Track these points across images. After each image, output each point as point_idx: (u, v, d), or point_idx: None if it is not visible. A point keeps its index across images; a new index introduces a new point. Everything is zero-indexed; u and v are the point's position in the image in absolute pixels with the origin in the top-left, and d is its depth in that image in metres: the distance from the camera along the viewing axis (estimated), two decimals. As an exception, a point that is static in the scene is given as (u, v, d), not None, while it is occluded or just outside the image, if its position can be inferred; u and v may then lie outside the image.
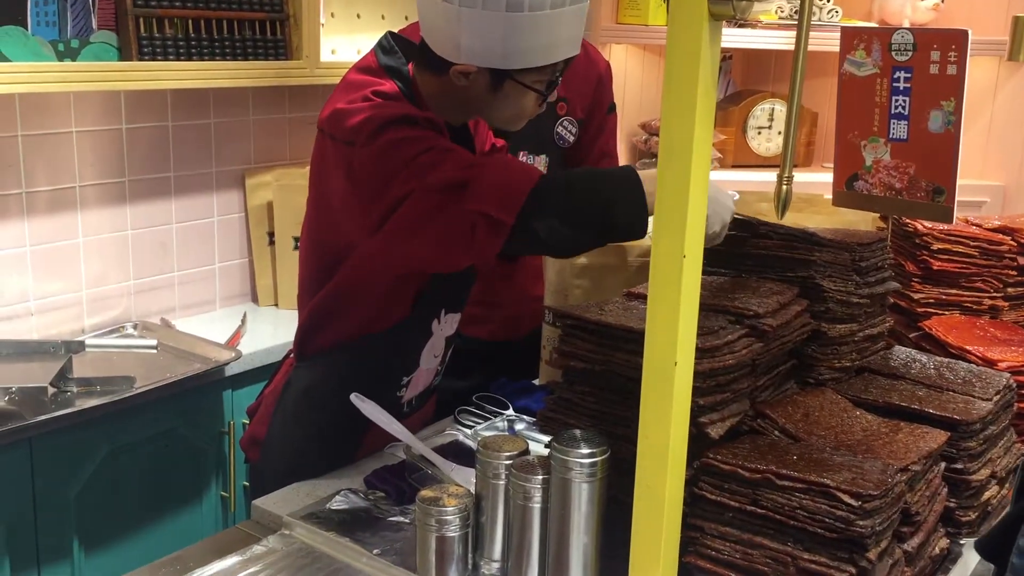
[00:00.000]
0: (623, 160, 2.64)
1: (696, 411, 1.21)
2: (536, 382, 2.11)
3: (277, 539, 1.49)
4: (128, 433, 2.20)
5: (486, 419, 1.92)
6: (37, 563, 2.05)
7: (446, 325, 1.75)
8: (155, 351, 2.43)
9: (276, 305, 2.95)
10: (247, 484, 2.48)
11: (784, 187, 1.52)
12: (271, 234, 2.92)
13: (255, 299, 2.99)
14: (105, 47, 2.30)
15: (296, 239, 2.90)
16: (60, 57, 2.22)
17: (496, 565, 1.37)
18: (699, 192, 1.11)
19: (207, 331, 2.56)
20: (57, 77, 2.16)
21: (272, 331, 2.69)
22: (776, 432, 1.36)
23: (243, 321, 2.63)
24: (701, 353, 1.21)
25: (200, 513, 2.42)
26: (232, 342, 2.46)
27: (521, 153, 2.33)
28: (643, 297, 1.46)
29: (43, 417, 1.99)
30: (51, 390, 2.08)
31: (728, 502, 1.21)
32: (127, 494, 2.23)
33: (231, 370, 2.37)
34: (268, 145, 2.95)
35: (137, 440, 2.23)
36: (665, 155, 1.11)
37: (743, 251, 1.58)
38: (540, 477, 1.28)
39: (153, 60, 2.34)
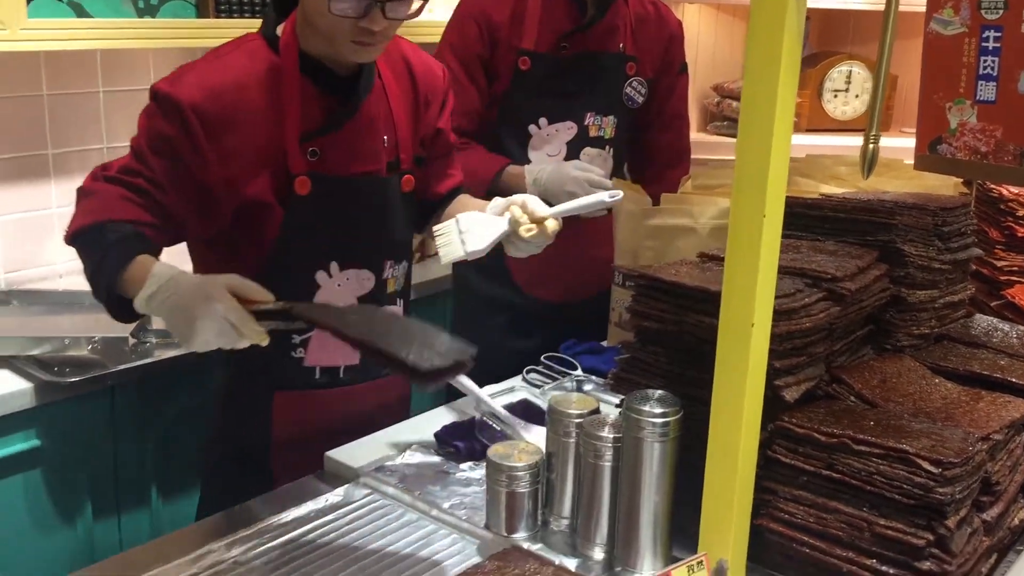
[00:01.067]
0: (694, 124, 2.60)
1: (771, 374, 1.20)
2: (604, 344, 2.11)
3: (349, 490, 1.52)
4: (205, 383, 2.25)
5: (554, 379, 1.92)
6: (117, 509, 2.12)
7: (348, 282, 1.64)
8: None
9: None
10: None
11: (871, 146, 1.48)
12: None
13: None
14: (184, 4, 2.34)
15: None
16: (140, 14, 2.26)
17: (565, 522, 1.38)
18: (781, 151, 1.09)
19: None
20: (136, 33, 2.20)
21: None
22: (852, 398, 1.33)
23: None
24: (778, 316, 1.19)
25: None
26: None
27: (588, 115, 2.31)
28: (718, 259, 1.44)
29: (125, 366, 2.05)
30: (131, 340, 2.15)
31: (803, 466, 1.20)
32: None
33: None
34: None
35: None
36: (748, 111, 1.09)
37: (821, 214, 1.55)
38: (612, 436, 1.28)
39: (230, 18, 2.37)
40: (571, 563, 1.31)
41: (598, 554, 1.31)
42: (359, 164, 1.60)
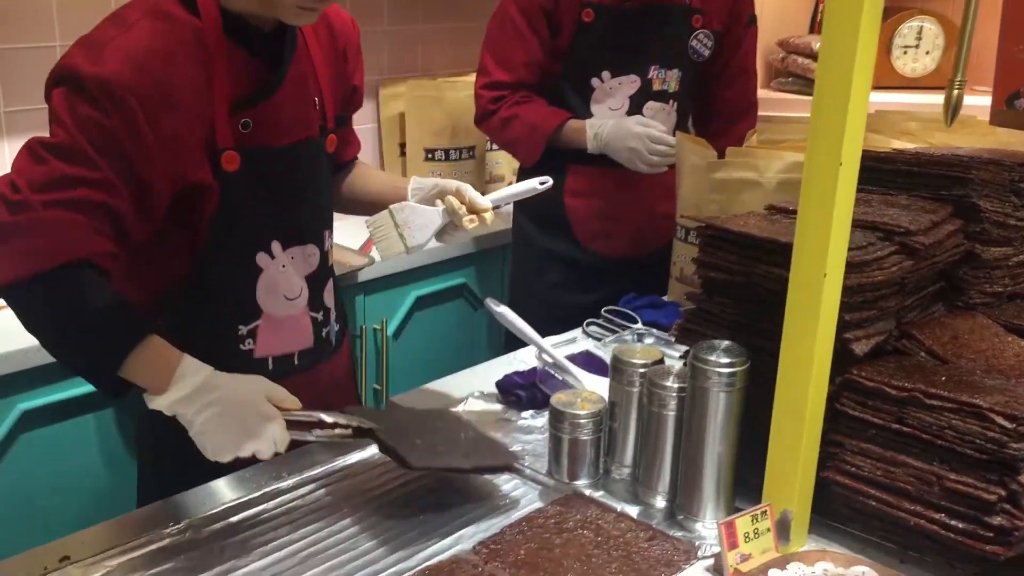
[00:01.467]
0: (758, 80, 2.55)
1: (841, 327, 1.19)
2: (665, 299, 2.10)
3: (413, 435, 1.54)
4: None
5: (614, 332, 1.93)
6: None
7: (293, 261, 1.48)
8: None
9: (406, 216, 2.99)
10: (377, 387, 2.57)
11: (955, 92, 1.44)
12: (403, 145, 2.96)
13: (385, 209, 3.04)
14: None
15: (427, 150, 2.93)
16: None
17: (627, 471, 1.39)
18: (860, 99, 1.07)
19: (340, 238, 2.62)
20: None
21: (402, 241, 2.74)
22: (922, 354, 1.31)
23: (375, 229, 2.68)
24: (849, 268, 1.17)
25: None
26: (365, 249, 2.52)
27: (652, 68, 2.28)
28: (786, 211, 1.43)
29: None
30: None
31: (871, 419, 1.19)
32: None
33: (364, 275, 2.44)
34: (401, 56, 2.97)
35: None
36: (826, 57, 1.07)
37: (894, 168, 1.52)
38: (676, 386, 1.28)
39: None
40: (632, 510, 1.31)
41: (660, 502, 1.32)
42: (294, 131, 1.44)
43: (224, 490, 1.37)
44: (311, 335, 1.53)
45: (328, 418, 1.32)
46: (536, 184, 1.58)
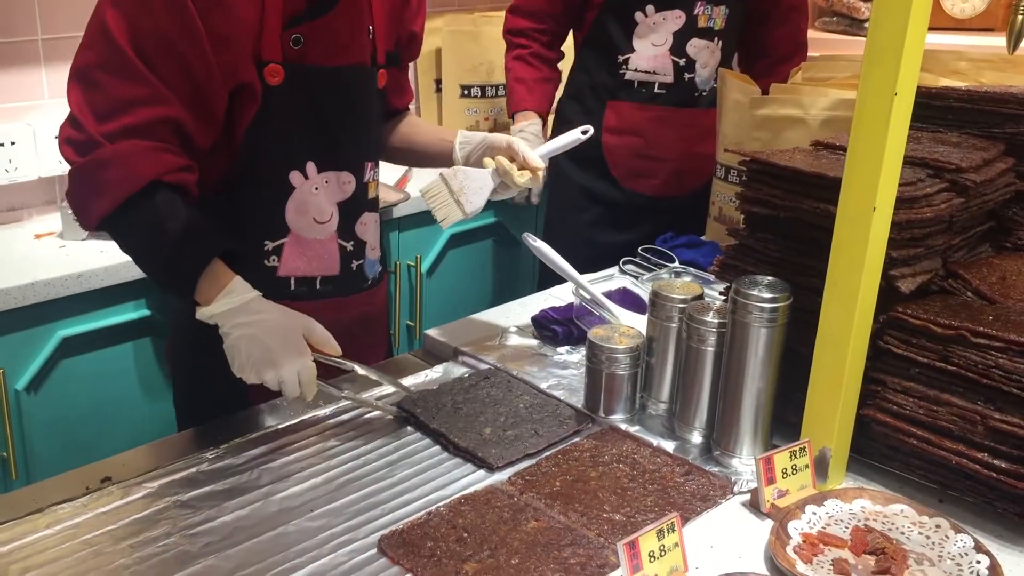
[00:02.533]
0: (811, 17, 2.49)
1: (887, 264, 1.16)
2: (703, 239, 2.08)
3: (448, 367, 1.54)
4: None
5: (650, 271, 1.91)
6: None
7: (328, 185, 1.46)
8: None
9: (440, 153, 2.97)
10: (410, 323, 2.58)
11: (1019, 17, 1.39)
12: (438, 81, 2.93)
13: (420, 147, 3.02)
14: None
15: (463, 87, 2.90)
16: None
17: (663, 406, 1.38)
18: (918, 26, 1.04)
19: (377, 174, 2.62)
20: None
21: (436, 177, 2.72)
22: (968, 294, 1.29)
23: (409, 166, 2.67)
24: (898, 203, 1.15)
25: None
26: (400, 185, 2.51)
27: (698, 4, 2.23)
28: (833, 147, 1.39)
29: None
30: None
31: (916, 357, 1.17)
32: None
33: (399, 211, 2.43)
34: (438, -10, 2.92)
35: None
36: (885, -18, 1.03)
37: (945, 105, 1.48)
38: (716, 321, 1.26)
39: None
40: (668, 445, 1.31)
41: (696, 438, 1.31)
42: (344, 54, 1.43)
43: (263, 416, 1.38)
44: (338, 263, 1.51)
45: (361, 370, 1.34)
46: (579, 134, 1.58)
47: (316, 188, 1.46)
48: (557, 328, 1.61)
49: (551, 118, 2.46)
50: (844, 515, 1.14)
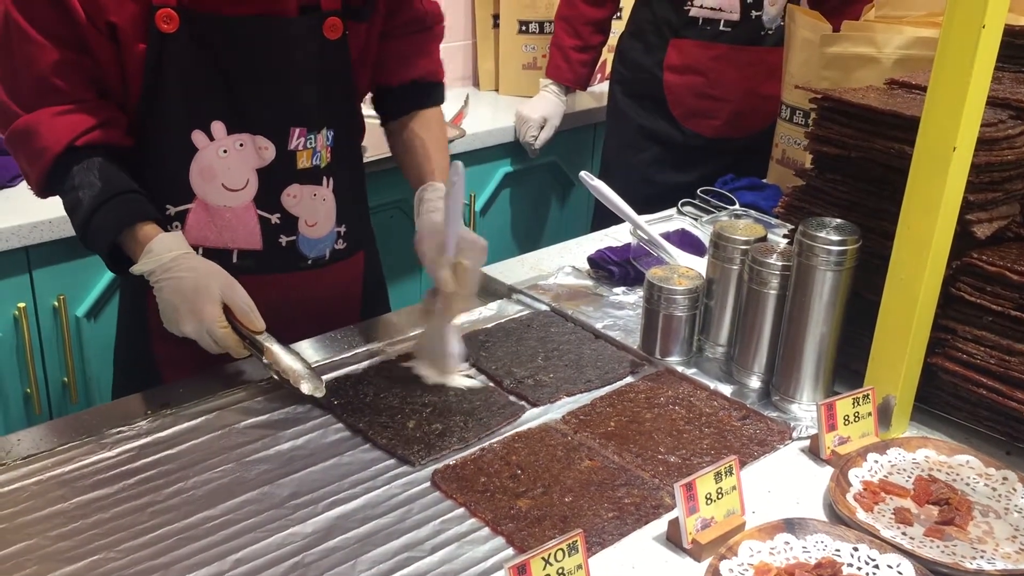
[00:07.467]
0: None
1: (962, 208, 1.12)
2: (764, 181, 2.03)
3: (502, 305, 1.53)
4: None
5: (710, 212, 1.87)
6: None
7: (241, 149, 1.31)
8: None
9: (496, 91, 2.94)
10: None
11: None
12: (496, 16, 2.88)
13: (476, 83, 2.98)
14: None
15: (521, 22, 2.85)
16: None
17: (721, 350, 1.36)
18: (1011, -46, 0.98)
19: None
20: None
21: (492, 115, 2.69)
22: (1046, 241, 1.24)
23: (465, 102, 2.64)
24: (979, 144, 1.10)
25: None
26: (456, 121, 2.48)
27: None
28: (908, 85, 1.34)
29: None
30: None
31: (990, 305, 1.13)
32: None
33: (455, 148, 2.40)
34: (496, -78, 2.85)
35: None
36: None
37: (1030, 43, 1.41)
38: (780, 263, 1.23)
39: None
40: (725, 389, 1.29)
41: (755, 383, 1.29)
42: (249, 2, 1.26)
43: (317, 349, 1.38)
44: (259, 236, 1.36)
45: (265, 358, 1.22)
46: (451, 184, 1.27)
47: (225, 151, 1.31)
48: (614, 268, 1.58)
49: (610, 55, 2.41)
50: (907, 464, 1.12)
